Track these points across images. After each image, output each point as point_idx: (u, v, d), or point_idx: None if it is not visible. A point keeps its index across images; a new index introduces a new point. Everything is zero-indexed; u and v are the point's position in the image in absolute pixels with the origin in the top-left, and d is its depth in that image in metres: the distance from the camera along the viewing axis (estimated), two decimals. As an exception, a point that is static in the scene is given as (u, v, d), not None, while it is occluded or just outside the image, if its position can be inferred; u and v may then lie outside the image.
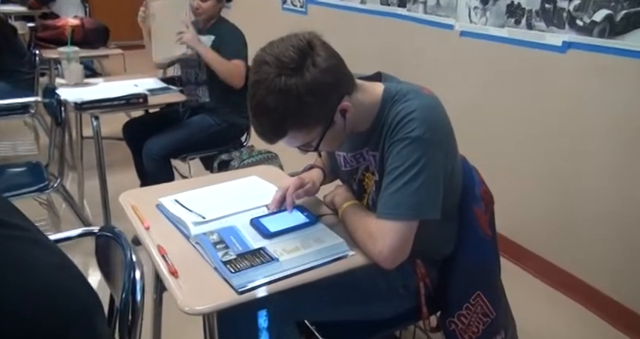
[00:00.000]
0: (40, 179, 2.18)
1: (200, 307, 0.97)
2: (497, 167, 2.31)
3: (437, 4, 2.40)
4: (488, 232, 1.32)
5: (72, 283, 0.97)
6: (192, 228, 1.16)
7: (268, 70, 0.99)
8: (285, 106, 1.00)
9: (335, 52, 1.07)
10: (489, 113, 2.30)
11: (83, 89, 2.36)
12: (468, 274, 1.32)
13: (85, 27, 3.44)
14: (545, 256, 2.19)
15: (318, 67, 1.00)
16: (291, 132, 1.05)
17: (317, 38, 1.05)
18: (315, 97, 1.01)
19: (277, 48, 1.01)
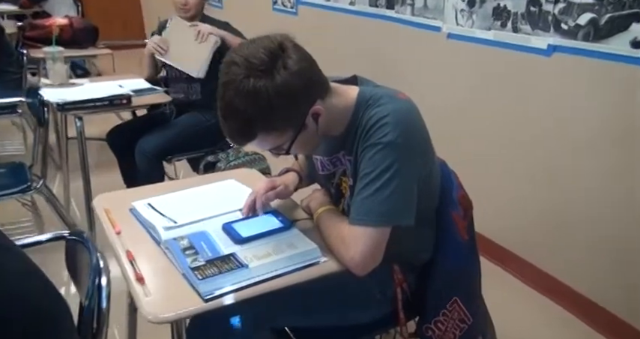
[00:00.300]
0: (22, 180, 2.15)
1: (165, 314, 0.95)
2: (481, 170, 2.30)
3: (424, 6, 2.39)
4: (465, 237, 1.30)
5: (36, 290, 0.95)
6: (162, 233, 1.15)
7: (237, 72, 0.97)
8: (253, 109, 0.98)
9: (307, 54, 1.05)
10: (475, 116, 2.28)
11: (67, 90, 2.34)
12: (445, 280, 1.30)
13: (74, 26, 3.42)
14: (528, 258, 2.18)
15: (288, 69, 0.98)
16: (261, 135, 1.03)
17: (289, 40, 1.03)
18: (285, 100, 0.99)
19: (247, 49, 0.99)
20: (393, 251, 1.27)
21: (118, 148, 2.55)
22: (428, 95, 2.54)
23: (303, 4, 3.42)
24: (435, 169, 1.24)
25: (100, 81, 2.60)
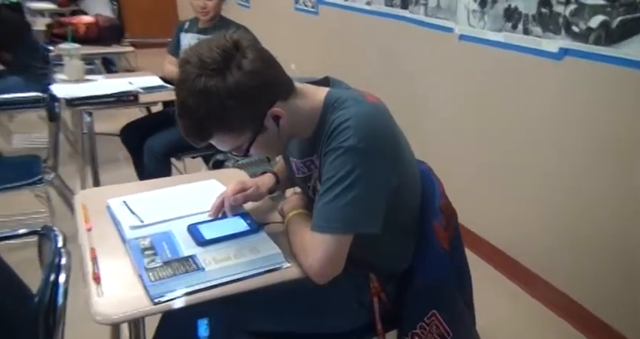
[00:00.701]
0: (35, 172, 2.22)
1: (114, 316, 0.94)
2: (488, 174, 2.21)
3: (437, 7, 2.32)
4: (446, 248, 1.25)
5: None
6: (127, 231, 1.14)
7: (190, 70, 0.96)
8: (206, 109, 0.96)
9: (266, 54, 1.02)
10: (484, 119, 2.20)
11: (81, 85, 2.40)
12: (423, 292, 1.25)
13: (100, 25, 3.52)
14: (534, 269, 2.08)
15: (242, 69, 0.96)
16: (217, 135, 1.01)
17: (247, 39, 1.00)
18: (238, 101, 0.96)
19: (202, 48, 0.97)
20: (368, 260, 1.24)
21: (131, 144, 2.59)
22: (438, 96, 2.47)
23: (324, 3, 3.40)
24: (410, 177, 1.19)
25: (114, 78, 2.64)
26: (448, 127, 2.43)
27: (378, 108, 1.09)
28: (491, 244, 2.29)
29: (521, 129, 2.02)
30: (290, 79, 1.08)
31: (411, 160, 1.21)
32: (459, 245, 1.34)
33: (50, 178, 2.22)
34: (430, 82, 2.51)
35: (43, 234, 1.12)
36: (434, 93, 2.50)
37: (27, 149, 3.29)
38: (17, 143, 3.39)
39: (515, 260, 2.18)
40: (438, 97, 2.47)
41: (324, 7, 3.41)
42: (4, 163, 2.60)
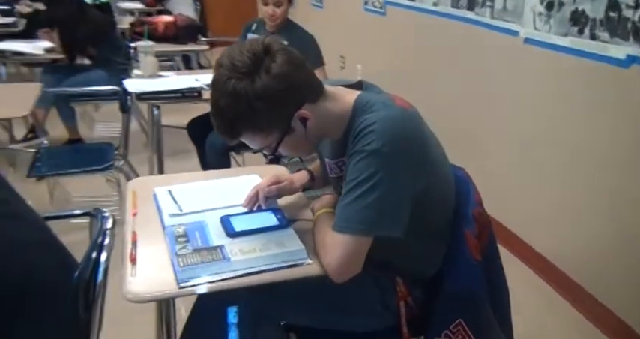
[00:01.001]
0: (107, 159, 2.42)
1: (143, 295, 1.02)
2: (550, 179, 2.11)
3: (503, 9, 2.24)
4: (477, 258, 1.22)
5: (40, 262, 1.07)
6: (166, 219, 1.23)
7: (222, 73, 1.01)
8: (235, 110, 1.01)
9: (296, 58, 1.05)
10: (548, 125, 2.10)
11: (152, 80, 2.56)
12: (450, 299, 1.23)
13: (178, 24, 3.72)
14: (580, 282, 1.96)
15: (270, 73, 1.00)
16: (246, 134, 1.06)
17: (278, 43, 1.04)
18: (266, 103, 1.00)
19: (235, 51, 1.02)
20: (394, 262, 1.24)
21: (196, 137, 2.73)
22: (500, 100, 2.39)
23: (391, 4, 3.39)
24: (441, 182, 1.18)
25: (184, 74, 2.80)
26: (511, 130, 2.35)
27: (406, 112, 1.09)
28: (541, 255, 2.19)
29: (585, 137, 1.91)
30: (319, 82, 1.10)
31: (442, 165, 1.20)
32: (494, 257, 1.31)
33: (120, 165, 2.40)
34: (493, 86, 2.43)
35: (94, 216, 1.23)
36: (497, 96, 2.42)
37: (107, 138, 3.57)
38: (98, 132, 3.68)
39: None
40: (501, 100, 2.39)
41: (392, 7, 3.39)
42: (83, 150, 2.85)
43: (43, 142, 2.55)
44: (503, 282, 1.33)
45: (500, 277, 1.32)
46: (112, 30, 3.39)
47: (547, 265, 2.18)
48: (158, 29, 3.64)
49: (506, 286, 1.34)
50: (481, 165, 2.55)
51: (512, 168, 2.36)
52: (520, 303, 1.36)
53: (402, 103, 1.12)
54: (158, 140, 2.48)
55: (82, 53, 3.36)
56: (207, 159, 2.56)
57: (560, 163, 2.06)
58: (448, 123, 2.86)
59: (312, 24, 4.82)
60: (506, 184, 2.41)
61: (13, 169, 2.79)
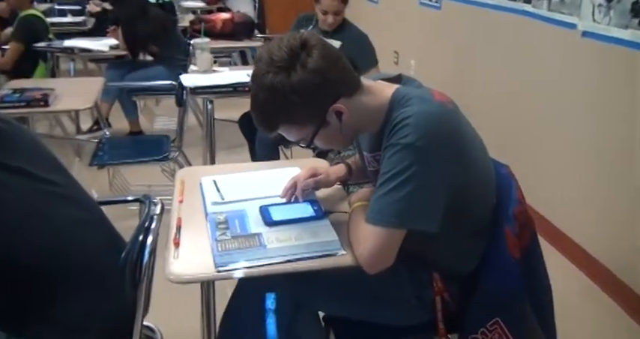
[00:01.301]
0: (164, 150, 2.54)
1: (183, 276, 1.08)
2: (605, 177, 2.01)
3: (561, 1, 2.15)
4: (516, 257, 1.20)
5: (91, 241, 1.16)
6: (209, 206, 1.29)
7: (260, 67, 1.05)
8: (272, 103, 1.05)
9: (333, 53, 1.07)
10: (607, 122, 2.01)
11: (207, 76, 2.66)
12: (487, 297, 1.22)
13: (234, 21, 3.82)
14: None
15: (306, 67, 1.02)
16: (283, 127, 1.10)
17: (315, 38, 1.06)
18: (301, 97, 1.03)
19: (273, 46, 1.05)
20: (430, 257, 1.24)
21: (247, 131, 2.81)
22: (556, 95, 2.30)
23: (447, -2, 3.33)
24: (480, 178, 1.17)
25: (237, 70, 2.88)
26: (566, 127, 2.26)
27: (444, 107, 1.09)
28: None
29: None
30: (356, 76, 1.12)
31: (482, 161, 1.18)
32: (536, 256, 1.27)
33: (175, 156, 2.51)
34: (549, 81, 2.34)
35: (143, 202, 1.31)
36: (552, 92, 2.33)
37: (166, 130, 3.74)
38: (158, 125, 3.86)
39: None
40: (557, 96, 2.30)
41: (447, 1, 3.33)
42: (141, 141, 3.00)
43: (106, 133, 2.71)
44: (545, 282, 1.29)
45: (541, 276, 1.28)
46: (172, 28, 3.54)
47: (597, 267, 2.09)
48: (216, 26, 3.76)
49: (549, 286, 1.30)
50: (533, 162, 2.47)
51: (566, 166, 2.27)
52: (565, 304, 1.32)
53: (441, 98, 1.11)
54: (211, 133, 2.57)
55: (144, 50, 3.53)
56: (257, 152, 2.63)
57: (618, 162, 1.96)
58: (501, 119, 2.79)
59: (367, 19, 4.83)
60: (557, 182, 2.32)
61: (79, 158, 2.98)
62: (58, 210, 1.08)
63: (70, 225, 1.10)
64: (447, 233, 1.15)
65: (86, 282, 1.10)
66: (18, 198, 1.00)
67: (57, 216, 1.07)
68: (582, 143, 2.15)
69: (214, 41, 3.32)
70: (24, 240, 0.99)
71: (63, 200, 1.10)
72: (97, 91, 2.50)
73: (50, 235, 1.04)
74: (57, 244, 1.05)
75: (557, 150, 2.33)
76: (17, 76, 3.03)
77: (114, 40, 3.55)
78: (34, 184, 1.05)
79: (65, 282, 1.06)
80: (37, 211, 1.03)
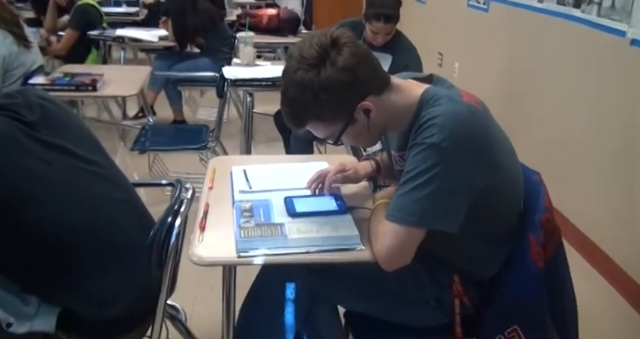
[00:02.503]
0: (202, 139, 2.61)
1: (207, 259, 1.13)
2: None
3: (611, 6, 2.08)
4: (539, 266, 1.18)
5: (123, 219, 1.22)
6: (236, 194, 1.33)
7: (290, 63, 1.07)
8: (302, 99, 1.07)
9: (362, 52, 1.07)
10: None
11: (249, 69, 2.71)
12: (507, 304, 1.21)
13: (280, 17, 3.88)
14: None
15: (335, 65, 1.04)
16: (311, 123, 1.12)
17: (346, 37, 1.07)
18: (330, 94, 1.05)
19: (305, 43, 1.07)
20: (451, 260, 1.24)
21: (282, 126, 2.85)
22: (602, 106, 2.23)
23: (495, 0, 3.26)
24: (506, 183, 1.16)
25: (279, 64, 2.93)
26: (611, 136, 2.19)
27: (472, 109, 1.08)
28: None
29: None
30: (386, 74, 1.13)
31: (509, 167, 1.17)
32: (561, 266, 1.25)
33: (212, 146, 2.59)
34: (595, 90, 2.27)
35: (174, 185, 1.36)
36: (598, 100, 2.26)
37: (208, 121, 3.84)
38: (201, 115, 3.97)
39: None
40: (603, 105, 2.23)
41: (495, 3, 3.27)
42: (182, 129, 3.10)
43: (149, 120, 2.81)
44: (569, 294, 1.27)
45: (565, 288, 1.26)
46: (220, 21, 3.62)
47: (625, 278, 2.02)
48: (262, 21, 3.83)
49: (574, 299, 1.28)
50: (574, 171, 2.40)
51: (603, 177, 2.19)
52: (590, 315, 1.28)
53: (470, 100, 1.11)
54: (249, 125, 2.63)
55: (191, 42, 3.64)
56: (291, 147, 2.67)
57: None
58: (543, 125, 2.72)
59: (413, 19, 4.80)
60: (593, 193, 2.25)
61: (124, 143, 3.10)
62: (94, 188, 1.14)
63: (106, 203, 1.16)
64: (469, 236, 1.15)
65: (115, 259, 1.16)
66: (56, 173, 1.07)
67: (93, 193, 1.14)
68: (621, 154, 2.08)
69: (259, 36, 3.38)
70: (58, 213, 1.06)
71: (100, 179, 1.17)
72: (143, 79, 2.60)
73: (85, 211, 1.11)
74: (90, 220, 1.12)
75: (600, 159, 2.26)
76: (71, 62, 3.19)
77: (163, 31, 3.67)
78: (74, 161, 1.11)
79: (93, 257, 1.12)
80: (74, 187, 1.10)
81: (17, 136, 1.03)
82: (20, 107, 1.08)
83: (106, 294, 1.13)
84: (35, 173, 1.03)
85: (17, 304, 1.08)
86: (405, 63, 2.32)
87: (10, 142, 1.02)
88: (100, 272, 1.12)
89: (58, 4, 3.80)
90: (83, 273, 1.10)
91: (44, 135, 1.07)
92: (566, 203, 2.43)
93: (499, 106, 3.00)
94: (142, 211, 1.29)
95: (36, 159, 1.04)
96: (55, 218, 1.05)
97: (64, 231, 1.06)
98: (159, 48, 3.75)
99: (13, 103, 1.08)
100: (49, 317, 1.09)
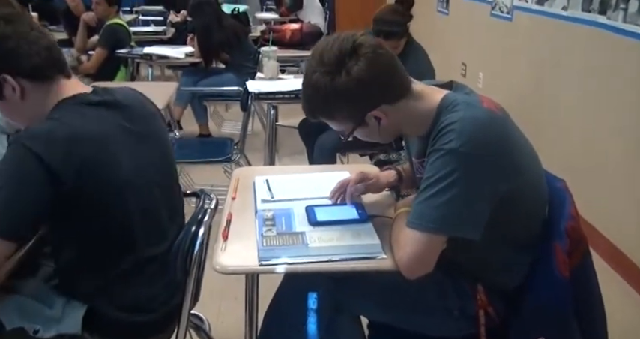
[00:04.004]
0: (226, 152, 2.66)
1: (230, 267, 1.14)
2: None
3: (638, 12, 2.05)
4: (565, 275, 1.15)
5: (168, 227, 1.26)
6: (259, 204, 1.34)
7: (311, 63, 1.09)
8: (315, 99, 1.10)
9: (382, 62, 1.07)
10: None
11: (272, 82, 2.75)
12: (533, 314, 1.18)
13: (303, 31, 3.94)
14: None
15: (350, 75, 1.04)
16: (323, 119, 1.15)
17: (369, 45, 1.06)
18: (341, 101, 1.07)
19: (328, 44, 1.08)
20: (474, 269, 1.22)
21: (307, 137, 2.88)
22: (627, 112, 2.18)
23: (519, 9, 3.24)
24: (529, 190, 1.14)
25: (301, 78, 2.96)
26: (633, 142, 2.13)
27: (492, 114, 1.07)
28: None
29: None
30: (406, 81, 1.12)
31: (532, 173, 1.15)
32: (589, 277, 1.22)
33: (236, 158, 2.62)
34: (621, 96, 2.22)
35: (199, 196, 1.39)
36: (623, 107, 2.21)
37: (232, 135, 3.89)
38: (225, 129, 4.03)
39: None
40: (629, 111, 2.18)
41: (519, 12, 3.25)
42: (207, 142, 3.17)
43: (175, 134, 2.87)
44: (597, 304, 1.23)
45: (593, 297, 1.22)
46: (244, 37, 3.70)
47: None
48: (285, 36, 3.89)
49: (603, 309, 1.24)
50: (602, 179, 2.35)
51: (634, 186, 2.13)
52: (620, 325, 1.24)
53: (490, 105, 1.10)
54: (272, 138, 2.66)
55: (216, 58, 3.72)
56: (315, 158, 2.68)
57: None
58: (570, 133, 2.67)
59: (436, 30, 4.80)
60: (622, 203, 2.19)
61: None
62: (154, 190, 1.21)
63: (157, 210, 1.22)
64: (492, 242, 1.13)
65: (152, 266, 1.20)
66: (137, 172, 1.16)
67: (153, 196, 1.21)
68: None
69: (282, 50, 3.43)
70: (126, 213, 1.14)
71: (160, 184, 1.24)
72: (169, 95, 2.67)
73: (142, 215, 1.17)
74: (143, 224, 1.17)
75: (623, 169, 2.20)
76: (100, 79, 3.28)
77: (190, 48, 3.76)
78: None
79: (136, 261, 1.17)
80: (144, 187, 1.18)
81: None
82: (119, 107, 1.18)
83: (139, 300, 1.16)
84: (122, 166, 1.12)
85: (43, 311, 1.12)
86: (416, 71, 2.31)
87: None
88: (138, 279, 1.16)
89: (88, 25, 3.94)
90: (124, 276, 1.14)
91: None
92: (594, 212, 2.37)
93: (525, 114, 2.96)
94: (182, 221, 1.32)
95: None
96: (123, 216, 1.12)
97: (125, 230, 1.13)
98: (185, 64, 3.85)
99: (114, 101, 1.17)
100: (75, 319, 1.12)
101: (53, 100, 1.10)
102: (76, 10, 4.14)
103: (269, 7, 6.81)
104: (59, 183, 1.01)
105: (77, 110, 1.10)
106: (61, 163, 1.01)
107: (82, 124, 1.07)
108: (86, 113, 1.10)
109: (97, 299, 1.14)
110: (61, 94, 1.11)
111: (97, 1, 3.61)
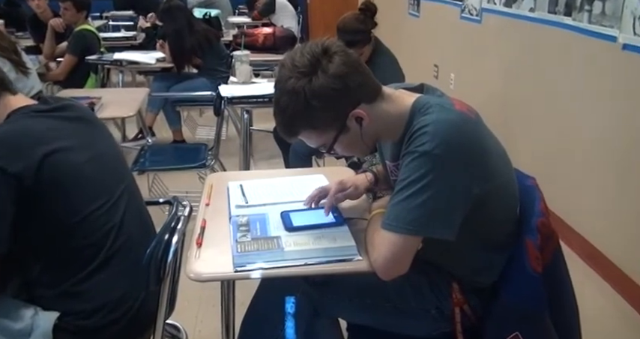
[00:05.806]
0: (201, 158, 2.62)
1: (203, 275, 1.12)
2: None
3: (602, 13, 2.10)
4: (538, 270, 1.17)
5: (137, 231, 1.26)
6: (233, 209, 1.33)
7: (283, 73, 1.08)
8: (294, 107, 1.07)
9: (353, 61, 1.09)
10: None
11: (245, 87, 2.74)
12: (507, 311, 1.20)
13: (276, 35, 3.93)
14: None
15: (327, 73, 1.05)
16: (304, 132, 1.12)
17: (337, 45, 1.08)
18: (322, 102, 1.06)
19: (296, 53, 1.08)
20: (449, 268, 1.23)
21: (281, 140, 2.87)
22: (595, 110, 2.23)
23: (488, 11, 3.30)
24: (501, 189, 1.15)
25: (275, 81, 2.96)
26: (604, 141, 2.19)
27: (464, 116, 1.08)
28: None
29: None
30: (377, 83, 1.13)
31: (503, 174, 1.16)
32: (561, 272, 1.24)
33: (211, 164, 2.60)
34: (587, 94, 2.28)
35: (172, 203, 1.37)
36: (591, 105, 2.27)
37: (207, 140, 3.86)
38: (200, 134, 3.99)
39: None
40: (596, 109, 2.24)
41: (488, 14, 3.31)
42: (181, 148, 3.13)
43: (148, 141, 2.83)
44: (570, 298, 1.25)
45: (566, 293, 1.25)
46: (216, 41, 3.66)
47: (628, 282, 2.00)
48: (258, 40, 3.88)
49: (575, 303, 1.26)
50: (574, 177, 2.40)
51: (600, 180, 2.19)
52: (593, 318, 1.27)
53: (462, 108, 1.11)
54: (246, 143, 2.64)
55: (188, 62, 3.68)
56: (290, 162, 2.68)
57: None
58: (541, 132, 2.72)
59: (407, 33, 4.85)
60: (593, 199, 2.24)
61: (124, 165, 3.11)
62: (124, 195, 1.26)
63: (132, 215, 1.22)
64: (467, 244, 1.14)
65: (126, 270, 1.20)
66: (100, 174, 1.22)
67: (125, 202, 1.25)
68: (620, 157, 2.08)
69: (255, 54, 3.41)
70: (98, 215, 1.17)
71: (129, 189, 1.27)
72: (140, 101, 2.63)
73: (114, 217, 1.20)
74: (118, 226, 1.21)
75: (595, 164, 2.26)
76: (70, 87, 3.22)
77: (160, 53, 3.71)
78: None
79: (109, 264, 1.19)
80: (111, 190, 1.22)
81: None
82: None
83: (113, 302, 1.16)
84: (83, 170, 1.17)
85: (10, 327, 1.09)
86: (381, 77, 2.32)
87: None
88: (111, 282, 1.16)
89: (55, 31, 3.86)
90: (100, 277, 1.15)
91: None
92: (567, 209, 2.42)
93: (496, 114, 3.02)
94: (151, 226, 1.31)
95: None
96: (95, 218, 1.15)
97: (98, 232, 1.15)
98: (156, 70, 3.79)
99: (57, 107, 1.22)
100: (45, 330, 1.09)
101: (2, 114, 1.17)
102: (43, 16, 4.04)
103: (241, 12, 6.77)
104: (19, 180, 1.06)
105: (28, 116, 1.16)
106: (17, 161, 1.06)
107: (32, 124, 1.14)
108: (37, 118, 1.17)
109: (66, 304, 1.12)
110: (10, 109, 1.18)
111: (66, 7, 3.53)
